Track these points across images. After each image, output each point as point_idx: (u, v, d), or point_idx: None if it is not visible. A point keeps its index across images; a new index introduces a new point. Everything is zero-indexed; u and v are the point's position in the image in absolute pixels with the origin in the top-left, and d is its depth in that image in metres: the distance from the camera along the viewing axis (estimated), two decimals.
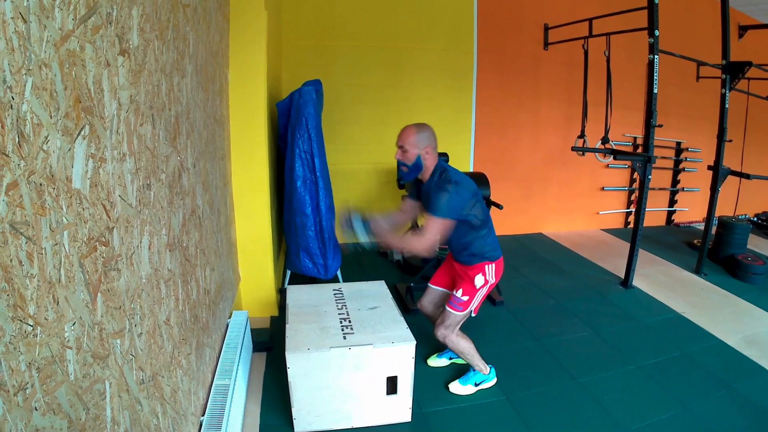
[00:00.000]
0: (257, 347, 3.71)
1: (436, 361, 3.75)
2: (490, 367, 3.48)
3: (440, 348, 3.82)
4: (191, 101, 2.35)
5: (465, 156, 6.82)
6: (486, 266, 3.15)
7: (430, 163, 3.00)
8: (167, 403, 1.79)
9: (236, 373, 2.73)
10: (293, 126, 4.08)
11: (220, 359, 2.81)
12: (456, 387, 3.42)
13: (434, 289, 3.53)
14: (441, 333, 3.24)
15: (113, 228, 1.35)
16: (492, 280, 3.20)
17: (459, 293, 3.19)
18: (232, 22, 3.56)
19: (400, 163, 3.04)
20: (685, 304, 4.96)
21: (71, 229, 1.11)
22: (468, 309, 3.20)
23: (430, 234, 2.83)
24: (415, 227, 5.19)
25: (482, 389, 3.44)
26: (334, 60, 6.03)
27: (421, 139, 2.93)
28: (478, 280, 3.16)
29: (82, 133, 1.17)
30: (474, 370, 3.44)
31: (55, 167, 1.05)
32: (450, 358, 3.77)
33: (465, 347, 3.33)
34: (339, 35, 5.99)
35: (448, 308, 3.22)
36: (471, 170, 6.81)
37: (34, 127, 0.97)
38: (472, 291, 3.17)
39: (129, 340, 1.44)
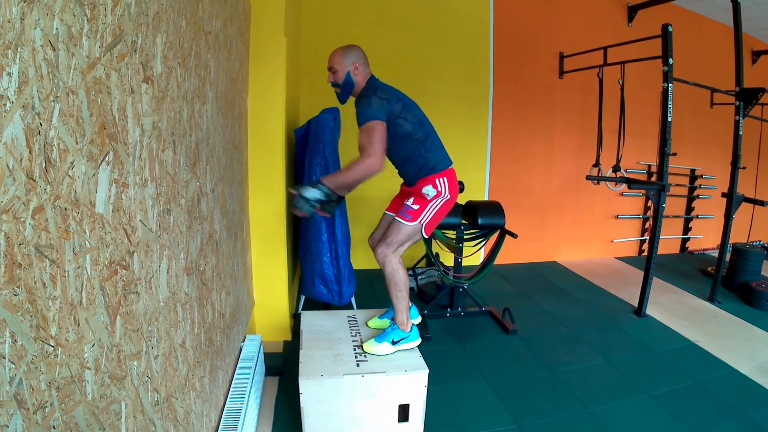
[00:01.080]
0: (270, 371, 3.71)
1: (376, 323, 3.49)
2: (414, 327, 3.23)
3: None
4: (211, 127, 2.39)
5: (480, 184, 6.84)
6: (436, 179, 3.06)
7: (360, 79, 3.03)
8: (180, 425, 1.81)
9: (248, 396, 2.73)
10: (310, 153, 4.12)
11: (232, 382, 2.82)
12: (371, 346, 3.10)
13: (387, 215, 3.41)
14: (381, 251, 3.08)
15: (134, 252, 1.38)
16: (445, 194, 3.08)
17: (410, 201, 3.09)
18: (252, 49, 3.62)
19: (333, 85, 3.07)
20: (699, 332, 4.91)
21: (93, 253, 1.14)
22: (417, 221, 3.06)
23: (371, 145, 2.78)
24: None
25: (403, 350, 3.14)
26: None
27: (348, 56, 3.00)
28: (428, 190, 3.05)
29: (106, 158, 1.20)
30: (393, 325, 3.19)
31: (79, 192, 1.08)
32: (392, 319, 3.41)
33: (401, 279, 3.11)
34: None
35: (396, 218, 3.09)
36: (486, 198, 6.82)
37: (60, 152, 1.01)
38: (422, 201, 3.06)
39: (146, 362, 1.46)
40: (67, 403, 1.03)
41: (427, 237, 3.19)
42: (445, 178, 3.09)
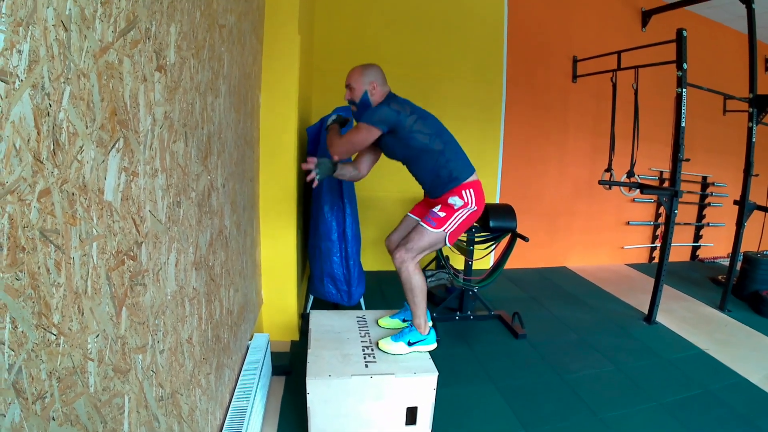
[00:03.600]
0: (276, 371, 3.69)
1: (388, 322, 3.45)
2: (431, 330, 3.18)
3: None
4: (223, 121, 2.37)
5: (492, 188, 6.79)
6: (462, 190, 3.01)
7: (377, 98, 3.03)
8: (184, 422, 1.78)
9: (254, 395, 2.71)
10: (322, 151, 4.10)
11: (239, 381, 2.79)
12: (387, 344, 3.08)
13: (410, 218, 3.38)
14: (399, 255, 3.00)
15: (142, 243, 1.35)
16: (472, 204, 3.03)
17: (437, 208, 3.05)
18: (265, 45, 3.61)
19: (349, 103, 3.09)
20: (709, 341, 4.86)
21: (100, 241, 1.11)
22: (442, 228, 3.00)
23: (350, 135, 2.89)
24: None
25: (418, 351, 3.11)
26: None
27: (366, 75, 3.01)
28: (455, 200, 3.00)
29: (117, 145, 1.18)
30: (411, 327, 3.15)
31: (88, 178, 1.05)
32: (404, 320, 3.43)
33: (417, 284, 3.05)
34: (369, 62, 6.03)
35: (421, 223, 3.04)
36: (497, 201, 6.78)
37: (69, 136, 0.98)
38: (449, 210, 3.01)
39: (151, 356, 1.43)
40: (68, 395, 1.00)
41: (449, 245, 3.15)
42: (471, 190, 3.04)
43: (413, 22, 6.16)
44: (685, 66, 4.82)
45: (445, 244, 3.13)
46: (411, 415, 2.89)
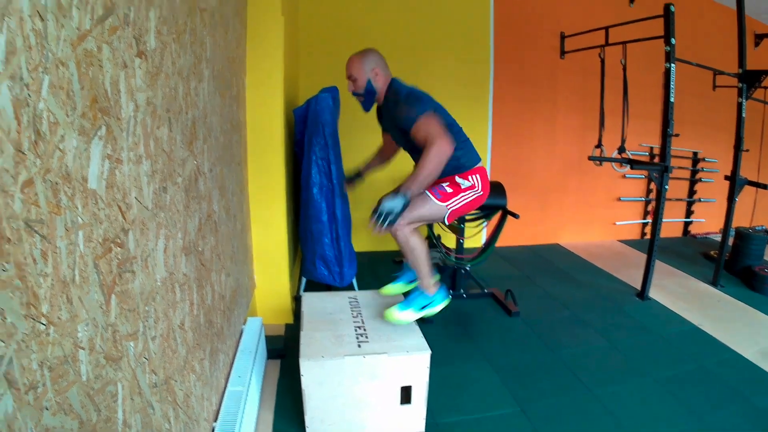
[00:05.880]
0: (271, 354, 3.70)
1: (390, 288, 3.49)
2: (440, 288, 3.15)
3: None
4: (208, 106, 2.35)
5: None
6: (469, 175, 2.99)
7: (381, 84, 2.97)
8: (179, 408, 1.78)
9: (250, 379, 2.72)
10: (310, 133, 4.08)
11: (233, 365, 2.80)
12: (394, 313, 3.05)
13: None
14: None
15: (128, 230, 1.35)
16: (479, 188, 3.00)
17: (445, 184, 2.98)
18: (249, 28, 3.57)
19: (354, 95, 3.02)
20: (702, 316, 4.90)
21: (86, 229, 1.11)
22: (446, 203, 2.93)
23: (433, 130, 2.69)
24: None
25: (430, 313, 3.15)
26: None
27: (367, 63, 2.93)
28: (462, 181, 2.98)
29: (99, 133, 1.17)
30: (419, 290, 3.14)
31: (71, 166, 1.04)
32: (411, 281, 3.41)
33: (416, 245, 2.98)
34: (355, 42, 5.96)
35: (426, 192, 2.92)
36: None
37: (50, 125, 0.97)
38: (457, 188, 2.97)
39: (143, 342, 1.44)
40: (60, 384, 1.00)
41: (447, 224, 3.13)
42: (477, 175, 3.03)
43: (399, 1, 6.11)
44: (673, 41, 4.80)
45: (444, 222, 3.09)
46: (405, 394, 2.91)
